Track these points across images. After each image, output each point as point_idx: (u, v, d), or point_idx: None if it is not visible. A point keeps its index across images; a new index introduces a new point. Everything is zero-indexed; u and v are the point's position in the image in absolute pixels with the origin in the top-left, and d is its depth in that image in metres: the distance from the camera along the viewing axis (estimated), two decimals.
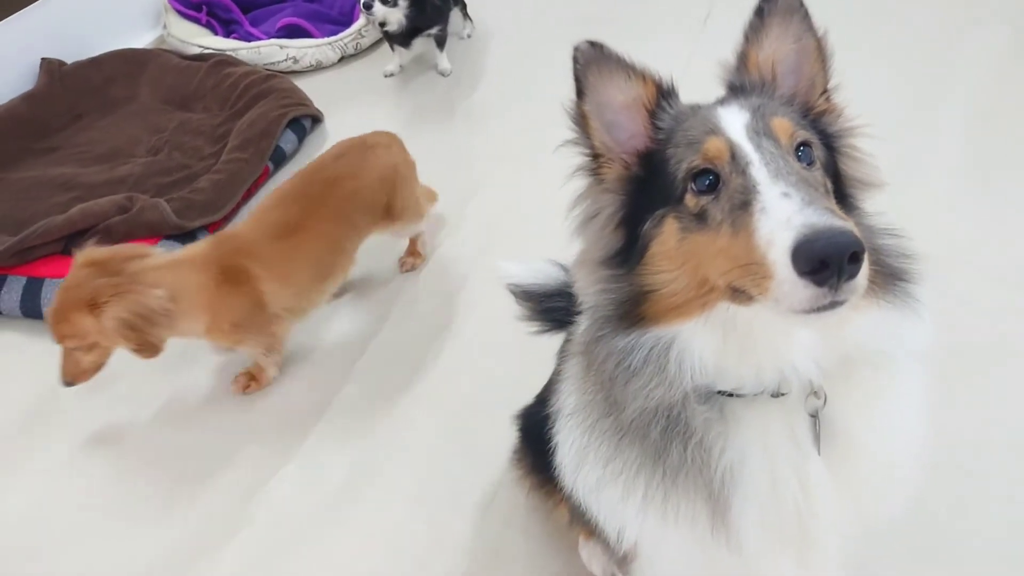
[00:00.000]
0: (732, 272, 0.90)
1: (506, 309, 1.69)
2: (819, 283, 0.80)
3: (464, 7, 3.66)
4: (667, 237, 1.00)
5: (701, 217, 0.96)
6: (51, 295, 2.24)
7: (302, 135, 3.02)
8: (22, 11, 3.22)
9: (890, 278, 1.00)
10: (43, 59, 3.20)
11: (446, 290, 2.41)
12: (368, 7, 3.12)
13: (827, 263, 0.79)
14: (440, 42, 3.41)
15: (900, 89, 3.08)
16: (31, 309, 2.35)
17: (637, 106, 1.05)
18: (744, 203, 0.90)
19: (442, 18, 3.39)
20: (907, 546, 1.63)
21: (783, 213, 0.85)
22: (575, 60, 1.01)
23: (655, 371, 0.97)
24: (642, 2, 3.80)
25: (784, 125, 0.98)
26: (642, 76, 1.05)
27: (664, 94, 1.06)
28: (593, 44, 1.01)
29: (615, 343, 1.00)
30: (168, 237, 2.44)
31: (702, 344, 0.97)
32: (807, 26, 1.07)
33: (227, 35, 3.58)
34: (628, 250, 1.04)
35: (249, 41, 3.48)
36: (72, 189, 2.64)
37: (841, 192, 1.06)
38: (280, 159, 2.90)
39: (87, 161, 2.82)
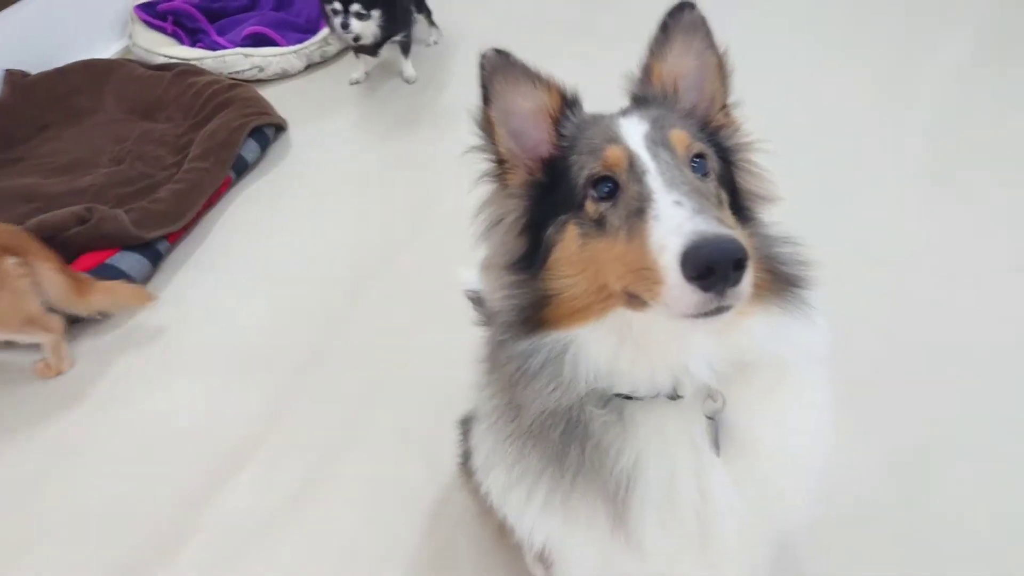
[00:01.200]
0: (627, 277, 0.93)
1: (465, 315, 1.71)
2: (705, 288, 0.83)
3: (429, 14, 3.68)
4: (568, 243, 1.02)
5: (600, 223, 0.99)
6: None
7: (265, 144, 3.03)
8: None
9: (784, 285, 1.04)
10: (6, 70, 3.20)
11: (406, 296, 2.43)
12: (345, 26, 3.13)
13: (713, 269, 0.82)
14: (405, 49, 3.44)
15: (864, 91, 3.13)
16: None
17: (542, 114, 1.08)
18: (639, 210, 0.93)
19: (407, 24, 3.41)
20: (851, 546, 1.67)
21: (674, 220, 0.88)
22: (482, 67, 1.05)
23: (552, 374, 1.01)
24: (612, 10, 3.83)
25: (681, 137, 1.01)
26: (547, 85, 1.08)
27: (568, 103, 1.09)
28: (499, 52, 1.04)
29: (516, 347, 1.03)
30: (127, 248, 2.45)
31: (598, 348, 1.00)
32: (709, 43, 1.11)
33: (193, 44, 3.59)
34: (531, 256, 1.07)
35: (215, 50, 3.48)
36: (33, 200, 2.64)
37: (738, 204, 1.09)
38: (242, 168, 2.91)
39: (50, 172, 2.82)
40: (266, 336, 2.37)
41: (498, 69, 1.05)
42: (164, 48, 3.48)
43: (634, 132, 1.02)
